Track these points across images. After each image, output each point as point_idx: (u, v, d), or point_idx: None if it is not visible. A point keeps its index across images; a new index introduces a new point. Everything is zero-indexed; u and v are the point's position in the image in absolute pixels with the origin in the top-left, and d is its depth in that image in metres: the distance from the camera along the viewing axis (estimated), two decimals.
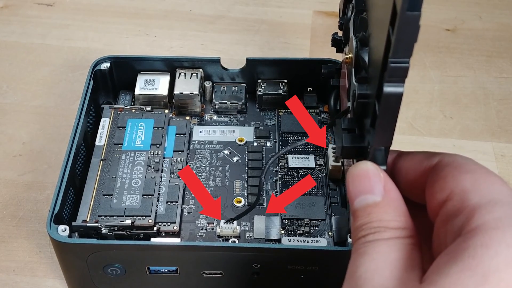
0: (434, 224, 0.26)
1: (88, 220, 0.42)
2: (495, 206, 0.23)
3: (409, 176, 0.28)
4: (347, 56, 0.38)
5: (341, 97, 0.46)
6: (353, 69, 0.35)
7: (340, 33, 0.45)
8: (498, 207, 0.23)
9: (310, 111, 0.53)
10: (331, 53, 0.49)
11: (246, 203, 0.46)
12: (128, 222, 0.42)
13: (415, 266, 0.25)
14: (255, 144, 0.51)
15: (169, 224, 0.43)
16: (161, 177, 0.46)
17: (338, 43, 0.46)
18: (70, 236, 0.40)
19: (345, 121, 0.32)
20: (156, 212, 0.43)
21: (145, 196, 0.44)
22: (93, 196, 0.44)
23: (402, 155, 0.29)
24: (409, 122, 0.60)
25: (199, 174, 0.48)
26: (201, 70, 0.52)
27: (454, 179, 0.25)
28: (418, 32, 0.24)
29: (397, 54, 0.24)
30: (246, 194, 0.47)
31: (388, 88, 0.25)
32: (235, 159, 0.49)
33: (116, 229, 0.42)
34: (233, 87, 0.53)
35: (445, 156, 0.27)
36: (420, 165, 0.28)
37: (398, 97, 0.25)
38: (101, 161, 0.46)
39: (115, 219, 0.42)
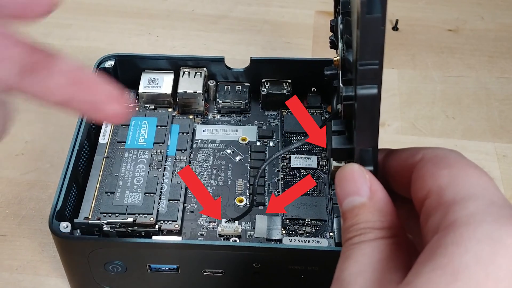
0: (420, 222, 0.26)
1: (90, 217, 0.42)
2: (469, 202, 0.23)
3: (396, 174, 0.28)
4: (335, 58, 0.38)
5: None
6: (340, 71, 0.35)
7: None
8: (471, 202, 0.23)
9: (314, 111, 0.53)
10: (333, 53, 0.49)
11: (248, 203, 0.46)
12: (130, 220, 0.42)
13: (398, 266, 0.24)
14: (258, 143, 0.51)
15: (170, 222, 0.43)
16: (163, 175, 0.46)
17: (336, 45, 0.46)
18: (72, 233, 0.40)
19: (335, 124, 0.32)
20: (158, 210, 0.43)
21: (147, 194, 0.44)
22: (96, 194, 0.44)
23: (391, 153, 0.29)
24: (411, 122, 0.60)
25: (202, 173, 0.48)
26: (205, 69, 0.52)
27: (432, 176, 0.25)
28: (383, 35, 0.24)
29: (364, 57, 0.24)
30: (248, 194, 0.47)
31: (360, 91, 0.25)
32: (237, 158, 0.49)
33: (117, 226, 0.42)
34: (236, 87, 0.53)
35: (427, 152, 0.27)
36: (406, 163, 0.27)
37: (372, 98, 0.25)
38: (104, 159, 0.46)
39: (117, 216, 0.42)
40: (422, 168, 0.26)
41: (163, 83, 0.52)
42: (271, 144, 0.51)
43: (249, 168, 0.49)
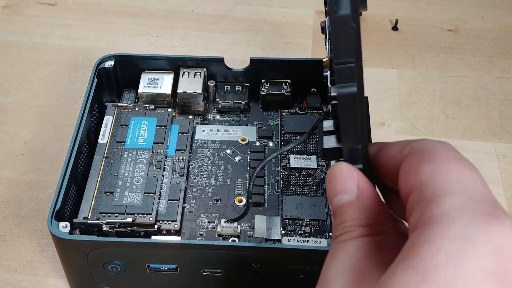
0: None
1: (89, 217, 0.42)
2: (445, 198, 0.23)
3: (388, 169, 0.28)
4: (324, 59, 0.38)
5: None
6: (328, 72, 0.35)
7: None
8: (448, 198, 0.23)
9: (314, 111, 0.53)
10: None
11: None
12: (129, 219, 0.42)
13: (382, 264, 0.24)
14: (258, 144, 0.51)
15: (170, 222, 0.43)
16: (162, 175, 0.46)
17: None
18: (71, 232, 0.40)
19: (326, 124, 0.32)
20: (157, 210, 0.43)
21: (146, 194, 0.44)
22: (95, 193, 0.44)
23: (383, 147, 0.29)
24: (411, 122, 0.60)
25: (201, 173, 0.48)
26: (204, 69, 0.52)
27: (415, 171, 0.25)
28: (355, 33, 0.24)
29: (338, 56, 0.24)
30: (247, 194, 0.47)
31: (339, 90, 0.25)
32: (237, 158, 0.49)
33: (117, 226, 0.42)
34: (236, 87, 0.53)
35: (414, 145, 0.26)
36: (395, 158, 0.27)
37: (352, 97, 0.25)
38: (104, 159, 0.46)
39: (116, 216, 0.42)
40: (408, 163, 0.26)
41: (162, 83, 0.52)
42: (270, 144, 0.51)
43: (248, 168, 0.49)
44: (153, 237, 0.42)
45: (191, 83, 0.51)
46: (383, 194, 0.30)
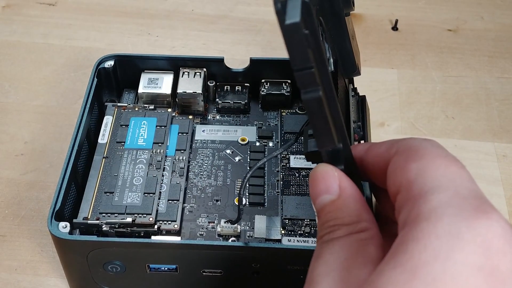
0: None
1: (89, 217, 0.42)
2: (433, 195, 0.23)
3: (376, 168, 0.28)
4: None
5: None
6: None
7: None
8: (435, 195, 0.23)
9: None
10: None
11: (247, 203, 0.46)
12: (129, 220, 0.42)
13: (367, 261, 0.24)
14: (257, 144, 0.51)
15: (169, 222, 0.43)
16: (162, 175, 0.46)
17: None
18: (71, 233, 0.40)
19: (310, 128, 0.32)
20: (157, 210, 0.43)
21: (146, 194, 0.44)
22: (95, 194, 0.44)
23: (371, 147, 0.29)
24: (411, 122, 0.60)
25: (201, 173, 0.48)
26: (204, 69, 0.52)
27: (402, 170, 0.25)
28: (307, 39, 0.23)
29: (295, 63, 0.24)
30: (247, 194, 0.47)
31: (303, 95, 0.25)
32: (237, 158, 0.49)
33: (116, 226, 0.42)
34: (236, 87, 0.53)
35: (401, 144, 0.26)
36: (383, 158, 0.27)
37: (317, 101, 0.25)
38: (104, 159, 0.46)
39: (116, 216, 0.42)
40: (395, 162, 0.26)
41: (162, 83, 0.52)
42: (270, 144, 0.51)
43: (248, 168, 0.49)
44: (153, 237, 0.42)
45: (191, 83, 0.51)
46: (373, 193, 0.31)
